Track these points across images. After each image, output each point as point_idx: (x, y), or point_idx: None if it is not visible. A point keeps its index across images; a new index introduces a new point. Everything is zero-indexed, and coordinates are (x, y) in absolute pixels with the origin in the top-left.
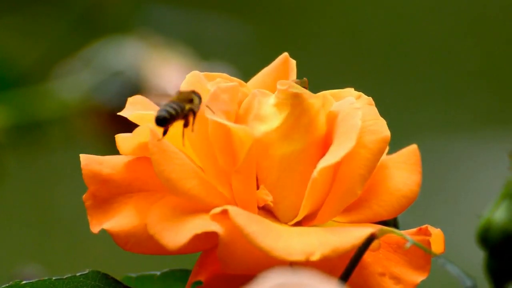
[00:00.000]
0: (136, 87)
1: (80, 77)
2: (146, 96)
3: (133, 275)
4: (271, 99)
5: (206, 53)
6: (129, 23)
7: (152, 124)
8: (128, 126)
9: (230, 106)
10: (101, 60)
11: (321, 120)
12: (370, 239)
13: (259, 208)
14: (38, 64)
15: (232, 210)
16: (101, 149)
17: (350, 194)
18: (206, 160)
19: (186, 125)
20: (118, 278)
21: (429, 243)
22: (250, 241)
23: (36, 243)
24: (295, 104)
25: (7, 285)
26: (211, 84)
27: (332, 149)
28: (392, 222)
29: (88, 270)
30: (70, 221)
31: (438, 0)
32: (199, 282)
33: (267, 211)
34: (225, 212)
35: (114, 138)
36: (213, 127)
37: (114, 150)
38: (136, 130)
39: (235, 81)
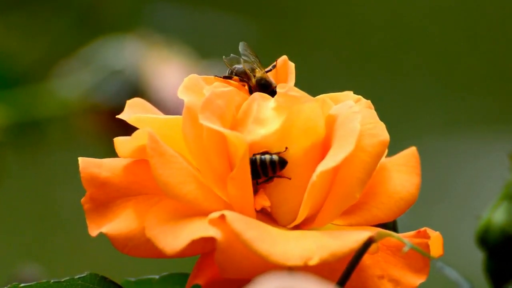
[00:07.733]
0: (136, 86)
1: (80, 76)
2: (146, 96)
3: (132, 279)
4: (271, 103)
5: (207, 52)
6: (129, 22)
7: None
8: (128, 125)
9: (225, 111)
10: (101, 59)
11: (320, 124)
12: (368, 243)
13: (257, 211)
14: (38, 63)
15: (230, 215)
16: (101, 148)
17: (349, 197)
18: (203, 165)
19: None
20: (117, 281)
21: (427, 246)
22: (248, 247)
23: (35, 243)
24: (294, 107)
25: (5, 287)
26: (207, 89)
27: (331, 152)
28: (391, 225)
29: (86, 272)
30: (70, 221)
31: (438, 1)
32: (198, 286)
33: (265, 214)
34: (222, 217)
35: (113, 137)
36: (207, 133)
37: (114, 149)
38: (135, 133)
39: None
